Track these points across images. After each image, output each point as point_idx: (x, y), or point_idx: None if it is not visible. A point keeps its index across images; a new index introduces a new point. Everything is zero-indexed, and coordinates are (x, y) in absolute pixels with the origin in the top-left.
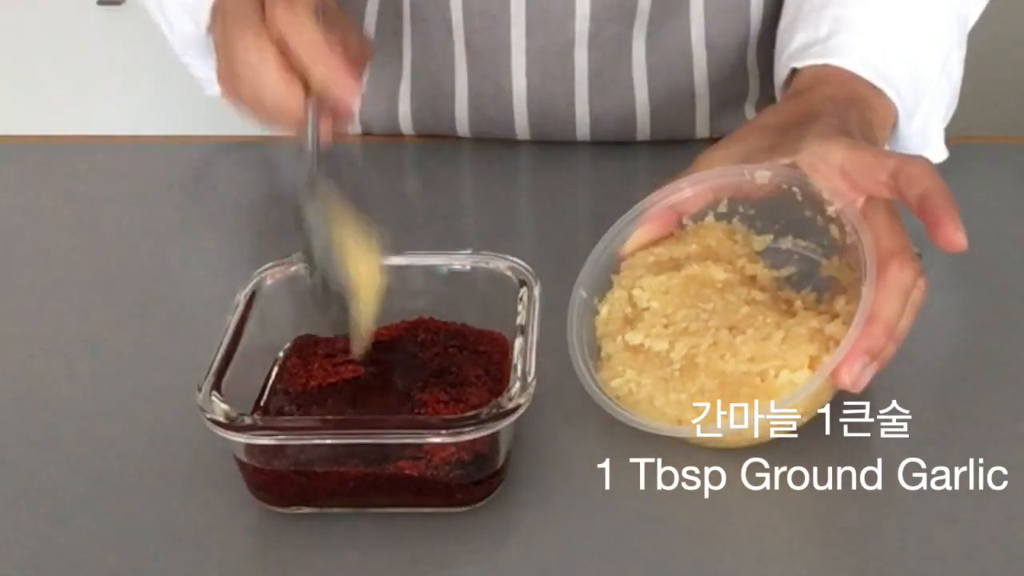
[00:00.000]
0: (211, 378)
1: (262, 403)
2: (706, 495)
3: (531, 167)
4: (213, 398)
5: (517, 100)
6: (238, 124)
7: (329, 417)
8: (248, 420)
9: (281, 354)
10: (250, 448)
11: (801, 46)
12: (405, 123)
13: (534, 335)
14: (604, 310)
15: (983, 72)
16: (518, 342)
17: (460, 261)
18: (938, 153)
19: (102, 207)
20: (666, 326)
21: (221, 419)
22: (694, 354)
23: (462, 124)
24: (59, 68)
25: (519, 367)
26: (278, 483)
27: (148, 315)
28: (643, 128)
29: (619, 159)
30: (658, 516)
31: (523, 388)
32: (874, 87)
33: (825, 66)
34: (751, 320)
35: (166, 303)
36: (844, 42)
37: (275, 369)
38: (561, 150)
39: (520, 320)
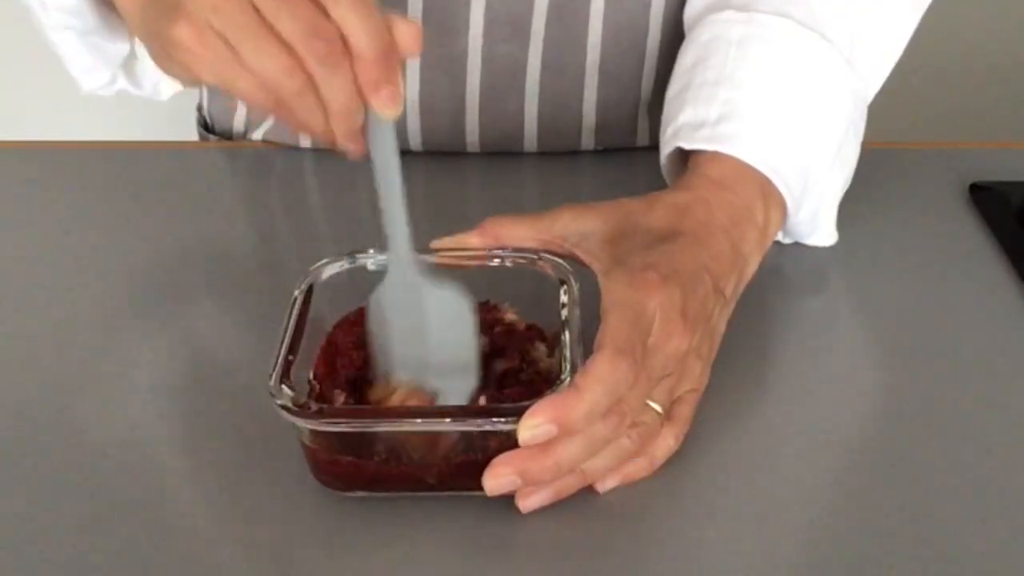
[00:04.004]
0: (280, 367)
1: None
2: (706, 495)
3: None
4: (283, 386)
5: (410, 109)
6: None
7: (398, 406)
8: (315, 407)
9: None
10: (315, 434)
11: (690, 124)
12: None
13: (577, 329)
14: None
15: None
16: (566, 335)
17: (499, 259)
18: (827, 238)
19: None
20: None
21: (291, 405)
22: None
23: None
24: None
25: (569, 357)
26: (341, 468)
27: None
28: (530, 143)
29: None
30: (657, 516)
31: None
32: (763, 175)
33: (715, 153)
34: None
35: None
36: (734, 130)
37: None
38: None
39: (565, 314)
